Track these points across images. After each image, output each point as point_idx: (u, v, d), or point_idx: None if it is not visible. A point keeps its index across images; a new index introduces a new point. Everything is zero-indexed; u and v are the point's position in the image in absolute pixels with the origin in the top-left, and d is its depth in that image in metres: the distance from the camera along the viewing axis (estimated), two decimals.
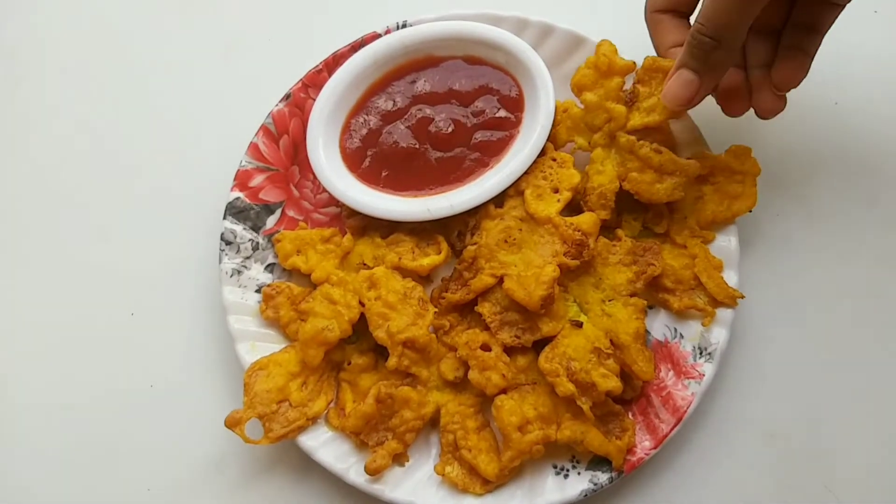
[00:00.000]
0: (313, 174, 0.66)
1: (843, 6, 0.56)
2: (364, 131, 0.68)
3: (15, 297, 0.72)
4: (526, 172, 0.65)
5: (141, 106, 0.78)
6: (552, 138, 0.66)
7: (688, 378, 0.61)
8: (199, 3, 0.82)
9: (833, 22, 0.58)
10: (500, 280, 0.62)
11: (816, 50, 0.59)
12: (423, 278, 0.66)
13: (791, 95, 0.73)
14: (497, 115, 0.67)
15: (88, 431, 0.67)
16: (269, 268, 0.67)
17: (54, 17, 0.82)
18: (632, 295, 0.62)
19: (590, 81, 0.64)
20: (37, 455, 0.67)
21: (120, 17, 0.82)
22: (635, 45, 0.64)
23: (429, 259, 0.64)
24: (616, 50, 0.64)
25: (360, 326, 0.63)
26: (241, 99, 0.76)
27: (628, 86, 0.63)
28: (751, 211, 0.63)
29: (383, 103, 0.68)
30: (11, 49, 0.81)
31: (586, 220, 0.62)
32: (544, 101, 0.64)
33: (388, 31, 0.70)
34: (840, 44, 0.75)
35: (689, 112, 0.66)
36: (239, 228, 0.67)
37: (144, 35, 0.81)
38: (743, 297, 0.62)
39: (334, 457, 0.60)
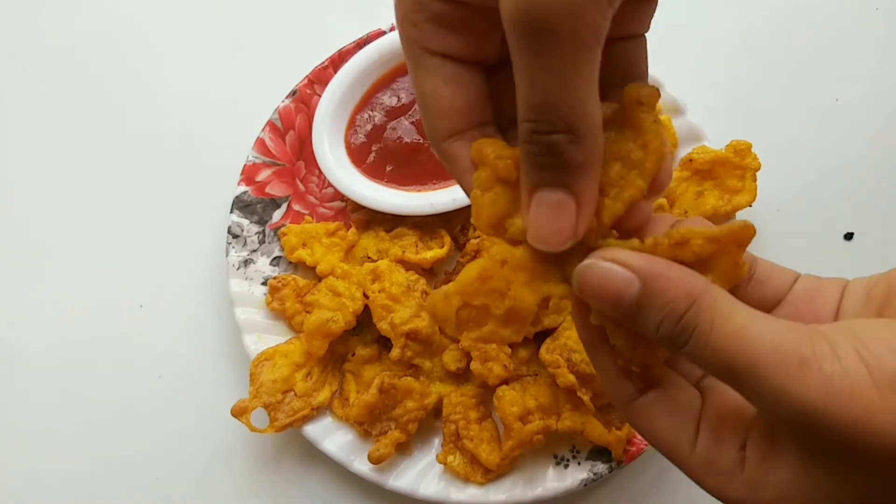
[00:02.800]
0: (319, 169, 0.68)
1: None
2: (369, 127, 0.69)
3: (25, 289, 0.73)
4: None
5: (149, 102, 0.79)
6: None
7: None
8: (206, 0, 0.83)
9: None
10: None
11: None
12: (427, 271, 0.67)
13: (792, 91, 0.74)
14: None
15: (96, 420, 0.68)
16: (275, 261, 0.68)
17: (61, 16, 0.84)
18: None
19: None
20: (44, 445, 0.68)
21: (128, 14, 0.83)
22: None
23: (432, 252, 0.65)
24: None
25: (364, 318, 0.64)
26: (247, 95, 0.77)
27: None
28: (751, 206, 0.64)
29: (388, 99, 0.69)
30: (20, 47, 0.82)
31: None
32: None
33: (392, 29, 0.71)
34: (841, 40, 0.76)
35: (687, 108, 0.67)
36: (246, 222, 0.68)
37: (152, 31, 0.82)
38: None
39: (338, 446, 0.61)
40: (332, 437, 0.62)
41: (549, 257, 0.32)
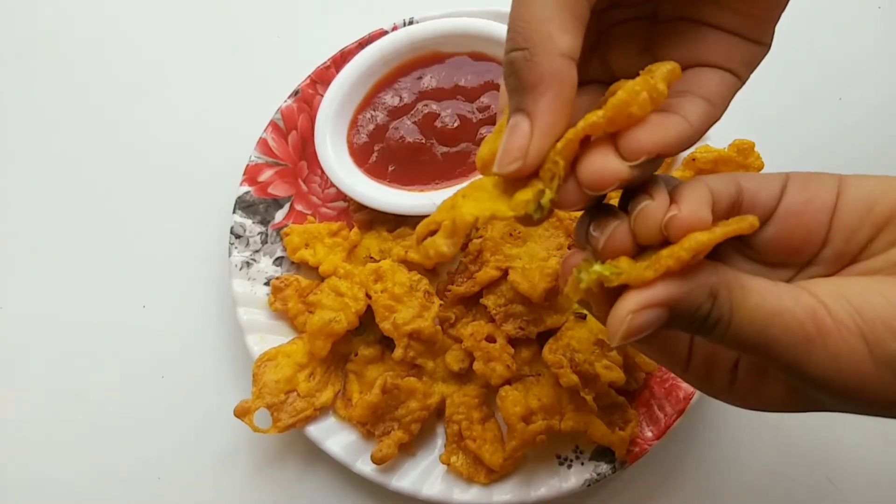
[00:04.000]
0: (321, 169, 0.67)
1: None
2: (371, 127, 0.69)
3: (28, 289, 0.73)
4: None
5: (152, 103, 0.79)
6: None
7: None
8: (208, 0, 0.83)
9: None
10: (505, 273, 0.62)
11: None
12: (429, 271, 0.67)
13: (795, 90, 0.74)
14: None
15: (100, 421, 0.68)
16: (278, 261, 0.68)
17: (63, 17, 0.84)
18: None
19: None
20: (48, 445, 0.68)
21: (128, 16, 0.83)
22: None
23: None
24: None
25: (367, 318, 0.64)
26: (250, 95, 0.77)
27: None
28: None
29: (390, 99, 0.69)
30: (21, 49, 0.82)
31: None
32: None
33: (394, 28, 0.71)
34: (844, 39, 0.76)
35: None
36: (248, 222, 0.68)
37: (153, 33, 0.82)
38: None
39: (341, 446, 0.61)
40: (335, 437, 0.62)
41: (508, 187, 0.33)
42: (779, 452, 0.63)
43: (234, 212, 0.68)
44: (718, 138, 0.65)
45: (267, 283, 0.67)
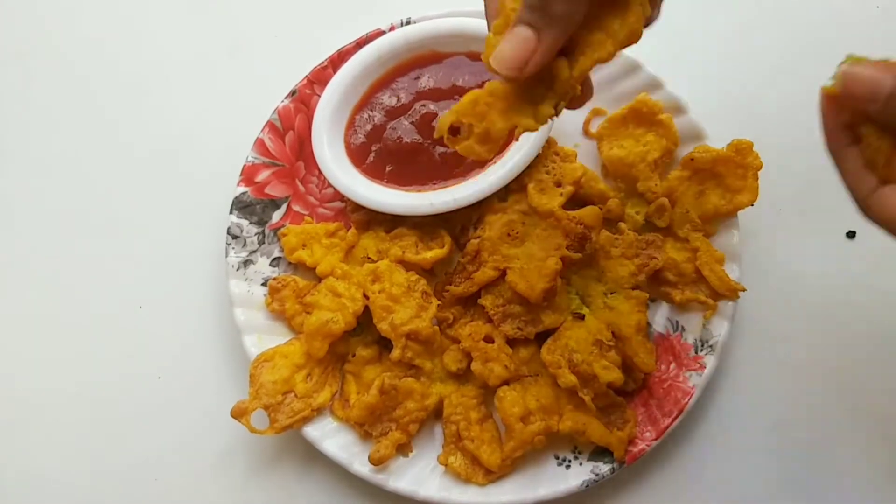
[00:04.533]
0: (318, 169, 0.67)
1: None
2: (368, 127, 0.69)
3: (25, 289, 0.73)
4: (528, 167, 0.65)
5: (148, 103, 0.79)
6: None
7: (689, 370, 0.62)
8: (205, 0, 0.83)
9: None
10: (503, 273, 0.62)
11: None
12: (427, 272, 0.67)
13: (794, 89, 0.74)
14: None
15: (96, 422, 0.68)
16: (275, 261, 0.68)
17: (62, 18, 0.84)
18: (634, 288, 0.62)
19: None
20: (45, 446, 0.68)
21: (127, 16, 0.83)
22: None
23: (432, 253, 0.65)
24: None
25: (365, 319, 0.63)
26: (247, 95, 0.77)
27: None
28: (752, 205, 0.64)
29: (387, 99, 0.69)
30: (21, 49, 0.82)
31: (589, 213, 0.63)
32: None
33: (392, 28, 0.71)
34: (842, 39, 0.76)
35: (689, 107, 0.66)
36: (245, 223, 0.68)
37: (152, 33, 0.82)
38: (744, 289, 0.62)
39: (339, 447, 0.61)
40: (333, 438, 0.62)
41: (527, 97, 0.41)
42: (777, 452, 0.63)
43: (230, 212, 0.68)
44: (717, 138, 0.65)
45: (264, 284, 0.67)
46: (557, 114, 0.42)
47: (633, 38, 0.40)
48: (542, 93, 0.41)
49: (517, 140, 0.43)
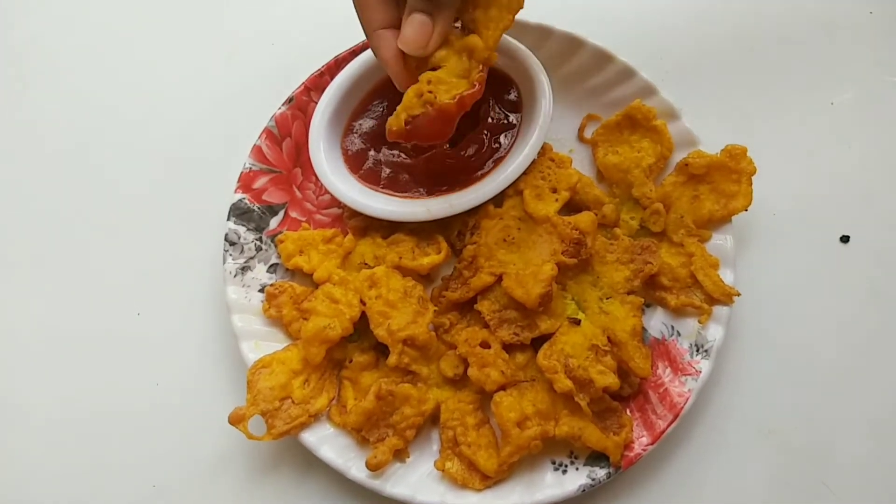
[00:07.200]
0: (315, 176, 0.68)
1: None
2: (365, 134, 0.69)
3: (22, 297, 0.73)
4: (525, 173, 0.65)
5: (146, 110, 0.79)
6: None
7: (685, 375, 0.62)
8: (203, 8, 0.84)
9: None
10: (499, 278, 0.62)
11: None
12: (424, 277, 0.67)
13: (787, 95, 0.74)
14: (496, 117, 0.68)
15: (94, 429, 0.68)
16: (272, 268, 0.68)
17: (58, 23, 0.84)
18: (629, 293, 0.63)
19: None
20: (43, 452, 0.68)
21: (124, 23, 0.83)
22: (634, 44, 0.65)
23: (429, 258, 0.65)
24: None
25: (362, 325, 0.64)
26: (244, 102, 0.77)
27: None
28: (746, 210, 0.64)
29: (383, 106, 0.69)
30: (17, 54, 0.83)
31: (584, 219, 0.63)
32: (542, 104, 0.65)
33: None
34: (836, 44, 0.76)
35: (683, 112, 0.67)
36: (242, 229, 0.68)
37: (149, 40, 0.82)
38: (739, 294, 0.63)
39: (336, 453, 0.61)
40: (330, 443, 0.62)
41: (455, 69, 0.55)
42: (773, 456, 0.64)
43: (228, 219, 0.68)
44: (711, 144, 0.66)
45: (261, 290, 0.67)
46: (483, 75, 0.54)
47: (519, 4, 0.52)
48: (466, 65, 0.54)
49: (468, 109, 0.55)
